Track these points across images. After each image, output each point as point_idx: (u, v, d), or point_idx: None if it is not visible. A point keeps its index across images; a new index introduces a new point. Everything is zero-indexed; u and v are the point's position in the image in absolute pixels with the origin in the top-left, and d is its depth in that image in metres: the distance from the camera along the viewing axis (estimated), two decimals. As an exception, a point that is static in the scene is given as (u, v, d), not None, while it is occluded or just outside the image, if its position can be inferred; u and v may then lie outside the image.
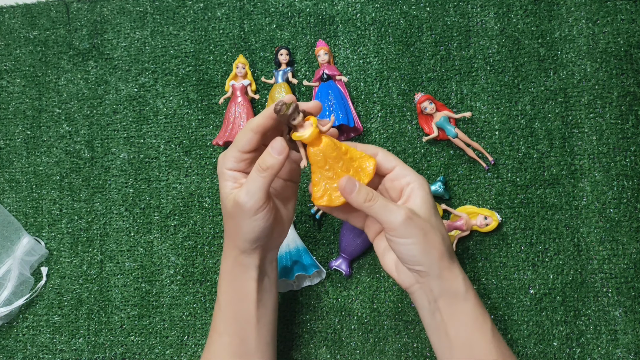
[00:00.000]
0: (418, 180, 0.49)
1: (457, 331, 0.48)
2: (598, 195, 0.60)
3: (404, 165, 0.50)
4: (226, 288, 0.52)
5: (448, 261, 0.48)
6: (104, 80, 0.69)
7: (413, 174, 0.49)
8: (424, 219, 0.47)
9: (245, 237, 0.49)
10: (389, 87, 0.64)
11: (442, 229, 0.49)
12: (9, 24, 0.72)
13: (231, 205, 0.48)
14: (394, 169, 0.49)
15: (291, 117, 0.45)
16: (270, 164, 0.46)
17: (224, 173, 0.49)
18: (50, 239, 0.68)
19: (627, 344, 0.57)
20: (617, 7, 0.62)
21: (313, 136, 0.45)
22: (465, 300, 0.48)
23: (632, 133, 0.60)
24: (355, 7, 0.66)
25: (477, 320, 0.48)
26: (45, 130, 0.70)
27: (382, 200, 0.47)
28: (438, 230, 0.48)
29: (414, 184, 0.48)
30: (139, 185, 0.67)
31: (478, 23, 0.64)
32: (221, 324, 0.52)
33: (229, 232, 0.50)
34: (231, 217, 0.49)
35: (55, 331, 0.66)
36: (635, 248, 0.59)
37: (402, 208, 0.47)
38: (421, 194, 0.48)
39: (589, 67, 0.61)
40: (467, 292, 0.48)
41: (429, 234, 0.47)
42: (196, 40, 0.68)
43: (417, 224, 0.47)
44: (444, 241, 0.48)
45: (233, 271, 0.51)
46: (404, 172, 0.49)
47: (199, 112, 0.67)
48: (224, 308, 0.52)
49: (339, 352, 0.61)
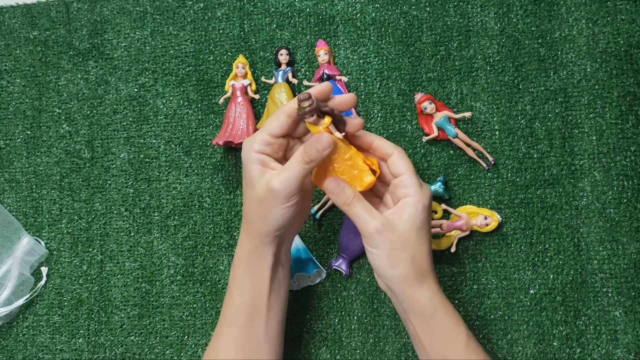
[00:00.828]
0: (416, 195, 0.48)
1: (431, 344, 0.49)
2: (598, 195, 0.60)
3: (411, 176, 0.48)
4: (240, 275, 0.52)
5: (415, 281, 0.48)
6: (104, 80, 0.69)
7: (415, 187, 0.48)
8: (398, 235, 0.47)
9: (272, 223, 0.48)
10: (389, 87, 0.64)
11: (419, 248, 0.48)
12: (9, 24, 0.72)
13: (264, 189, 0.48)
14: (401, 176, 0.49)
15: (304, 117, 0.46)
16: (313, 157, 0.47)
17: (251, 156, 0.48)
18: (50, 239, 0.68)
19: (627, 344, 0.57)
20: (617, 7, 0.62)
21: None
22: (434, 319, 0.48)
23: (632, 133, 0.60)
24: (355, 7, 0.66)
25: (449, 335, 0.48)
26: (45, 130, 0.70)
27: (360, 207, 0.47)
28: (411, 249, 0.47)
29: (411, 198, 0.48)
30: (139, 185, 0.67)
31: (478, 23, 0.64)
32: (232, 313, 0.52)
33: (252, 218, 0.50)
34: (260, 201, 0.48)
35: (55, 331, 0.66)
36: (635, 248, 0.59)
37: (377, 218, 0.47)
38: (411, 211, 0.47)
39: (589, 67, 0.61)
40: (435, 311, 0.48)
41: (397, 251, 0.47)
42: (196, 40, 0.68)
43: (387, 238, 0.47)
44: (413, 261, 0.47)
45: (249, 258, 0.51)
46: (407, 183, 0.48)
47: (199, 112, 0.67)
48: (236, 296, 0.52)
49: (339, 352, 0.61)
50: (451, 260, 0.61)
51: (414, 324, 0.49)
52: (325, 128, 0.46)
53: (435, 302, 0.48)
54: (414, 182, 0.48)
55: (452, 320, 0.49)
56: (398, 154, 0.49)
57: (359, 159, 0.48)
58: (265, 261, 0.51)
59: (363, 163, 0.48)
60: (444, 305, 0.49)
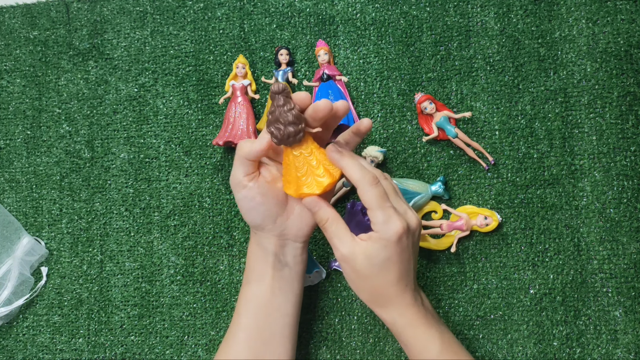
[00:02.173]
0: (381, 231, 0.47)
1: (409, 352, 0.51)
2: (598, 195, 0.60)
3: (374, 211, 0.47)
4: (248, 264, 0.54)
5: (378, 306, 0.50)
6: (104, 80, 0.69)
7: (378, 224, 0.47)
8: (358, 268, 0.48)
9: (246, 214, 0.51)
10: (389, 87, 0.64)
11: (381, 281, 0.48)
12: (9, 24, 0.72)
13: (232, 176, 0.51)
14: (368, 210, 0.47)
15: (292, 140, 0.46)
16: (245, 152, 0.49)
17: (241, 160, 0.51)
18: (50, 239, 0.68)
19: (627, 344, 0.57)
20: (617, 7, 0.62)
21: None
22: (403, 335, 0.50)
23: (632, 133, 0.60)
24: (355, 7, 0.66)
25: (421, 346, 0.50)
26: (45, 130, 0.70)
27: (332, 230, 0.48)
28: (371, 282, 0.48)
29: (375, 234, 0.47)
30: (139, 185, 0.67)
31: (478, 23, 0.64)
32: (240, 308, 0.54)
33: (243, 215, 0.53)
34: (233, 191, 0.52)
35: (55, 331, 0.66)
36: (635, 248, 0.59)
37: (345, 246, 0.48)
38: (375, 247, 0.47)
39: (589, 67, 0.61)
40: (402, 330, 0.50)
41: (360, 281, 0.49)
42: (196, 40, 0.68)
43: (351, 267, 0.48)
44: (376, 291, 0.49)
45: (254, 250, 0.54)
46: (373, 219, 0.47)
47: (199, 112, 0.67)
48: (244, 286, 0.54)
49: (339, 352, 0.61)
50: (451, 260, 0.61)
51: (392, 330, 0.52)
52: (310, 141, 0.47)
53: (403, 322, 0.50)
54: (379, 217, 0.47)
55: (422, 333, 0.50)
56: (361, 188, 0.47)
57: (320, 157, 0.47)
58: (267, 257, 0.53)
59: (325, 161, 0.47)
60: (412, 324, 0.50)
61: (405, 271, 0.49)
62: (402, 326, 0.50)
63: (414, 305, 0.50)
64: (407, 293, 0.50)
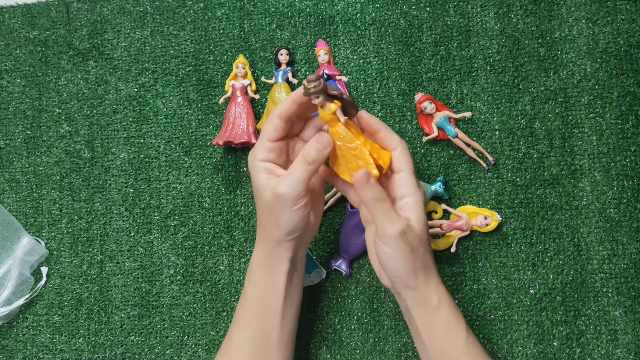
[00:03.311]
0: (416, 194, 0.48)
1: (431, 339, 0.49)
2: (598, 195, 0.60)
3: (409, 174, 0.49)
4: (255, 279, 0.52)
5: (424, 275, 0.49)
6: (104, 80, 0.69)
7: (413, 187, 0.48)
8: (416, 236, 0.48)
9: (283, 228, 0.49)
10: (389, 87, 0.64)
11: (428, 244, 0.49)
12: (9, 24, 0.72)
13: (270, 196, 0.48)
14: (400, 173, 0.49)
15: (312, 98, 0.46)
16: (314, 157, 0.48)
17: (256, 165, 0.50)
18: (50, 239, 0.68)
19: (627, 344, 0.57)
20: (617, 7, 0.62)
21: (324, 119, 0.47)
22: (438, 311, 0.49)
23: (632, 133, 0.60)
24: (355, 7, 0.66)
25: (450, 329, 0.49)
26: (45, 130, 0.70)
27: (386, 206, 0.47)
28: (423, 246, 0.48)
29: (411, 198, 0.48)
30: (139, 185, 0.67)
31: (478, 23, 0.64)
32: (246, 317, 0.52)
33: (265, 224, 0.51)
34: (269, 208, 0.49)
35: (55, 331, 0.66)
36: (635, 248, 0.59)
37: (401, 221, 0.47)
38: (417, 211, 0.48)
39: (589, 67, 0.61)
40: (439, 303, 0.49)
41: (415, 251, 0.48)
42: (196, 40, 0.68)
43: (409, 240, 0.47)
44: (424, 256, 0.48)
45: (265, 263, 0.51)
46: (405, 182, 0.48)
47: (199, 112, 0.67)
48: (251, 300, 0.52)
49: (339, 352, 0.61)
50: (451, 260, 0.61)
51: (416, 319, 0.50)
52: (332, 113, 0.46)
53: (440, 293, 0.49)
54: (412, 181, 0.49)
55: (454, 314, 0.50)
56: (401, 150, 0.49)
57: (365, 151, 0.47)
58: (282, 266, 0.51)
59: (369, 156, 0.47)
60: (448, 298, 0.50)
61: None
62: (440, 299, 0.49)
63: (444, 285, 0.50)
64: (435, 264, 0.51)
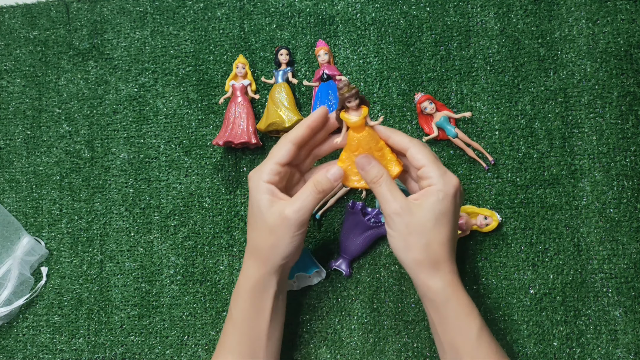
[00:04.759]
0: (438, 184, 0.48)
1: (443, 332, 0.49)
2: (598, 195, 0.60)
3: (431, 165, 0.48)
4: (244, 304, 0.52)
5: (428, 268, 0.48)
6: (104, 80, 0.69)
7: (436, 176, 0.48)
8: (415, 220, 0.47)
9: (282, 251, 0.50)
10: (389, 87, 0.64)
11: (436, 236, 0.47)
12: (9, 24, 0.72)
13: (275, 218, 0.49)
14: (423, 167, 0.48)
15: (347, 100, 0.48)
16: (325, 187, 0.50)
17: (260, 186, 0.50)
18: (50, 239, 0.68)
19: (627, 344, 0.57)
20: (617, 7, 0.62)
21: (357, 124, 0.49)
22: (445, 308, 0.48)
23: (632, 133, 0.60)
24: (355, 7, 0.66)
25: (460, 326, 0.48)
26: (45, 130, 0.70)
27: (386, 187, 0.48)
28: (427, 236, 0.47)
29: (433, 187, 0.48)
30: (139, 185, 0.67)
31: (478, 23, 0.64)
32: (233, 342, 0.52)
33: (261, 246, 0.51)
34: (271, 231, 0.49)
35: (55, 331, 0.66)
36: (635, 248, 0.59)
37: (398, 201, 0.47)
38: (431, 199, 0.47)
39: (589, 67, 0.61)
40: (446, 301, 0.48)
41: (412, 236, 0.47)
42: (196, 40, 0.68)
43: (404, 221, 0.47)
44: (427, 248, 0.47)
45: (255, 287, 0.52)
46: (428, 173, 0.48)
47: (199, 112, 0.67)
48: (238, 325, 0.52)
49: (339, 352, 0.61)
50: (451, 260, 0.61)
51: (428, 309, 0.50)
52: (362, 118, 0.49)
53: (448, 292, 0.48)
54: (435, 171, 0.48)
55: (465, 311, 0.48)
56: (415, 146, 0.49)
57: (388, 151, 0.50)
58: (270, 289, 0.52)
59: (392, 154, 0.50)
60: (457, 297, 0.48)
61: (454, 232, 0.49)
62: (447, 298, 0.48)
63: (457, 275, 0.49)
64: (452, 260, 0.49)
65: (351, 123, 0.49)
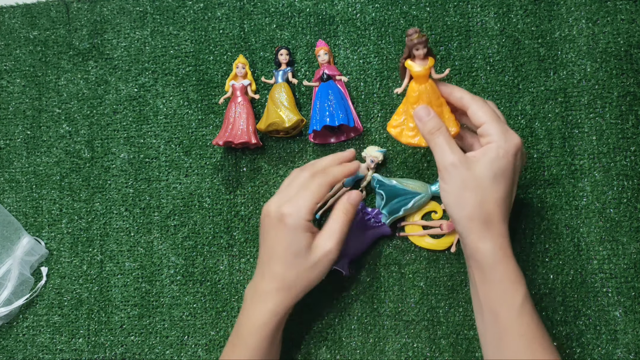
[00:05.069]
0: (499, 141, 0.47)
1: (486, 296, 0.47)
2: (598, 195, 0.60)
3: (491, 123, 0.47)
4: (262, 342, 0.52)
5: (479, 227, 0.46)
6: (104, 80, 0.69)
7: (497, 134, 0.47)
8: (471, 174, 0.46)
9: (311, 285, 0.52)
10: (389, 87, 0.64)
11: (491, 194, 0.46)
12: (9, 24, 0.72)
13: (318, 255, 0.50)
14: (483, 125, 0.48)
15: (415, 47, 0.47)
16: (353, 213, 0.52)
17: (303, 225, 0.50)
18: (50, 239, 0.68)
19: (627, 344, 0.57)
20: (617, 7, 0.62)
21: (421, 73, 0.47)
22: (492, 272, 0.46)
23: (632, 133, 0.60)
24: (355, 7, 0.66)
25: (505, 293, 0.46)
26: (45, 130, 0.70)
27: (443, 138, 0.47)
28: (482, 192, 0.46)
29: (493, 144, 0.47)
30: (139, 185, 0.67)
31: (478, 23, 0.64)
32: None
33: (299, 283, 0.51)
34: (314, 267, 0.51)
35: (55, 331, 0.66)
36: (635, 248, 0.59)
37: (456, 153, 0.47)
38: (491, 155, 0.46)
39: (589, 67, 0.61)
40: (494, 265, 0.46)
41: (467, 191, 0.46)
42: (196, 40, 0.68)
43: (460, 175, 0.46)
44: (481, 205, 0.46)
45: (281, 323, 0.53)
46: (489, 131, 0.47)
47: (199, 112, 0.67)
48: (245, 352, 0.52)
49: (339, 352, 0.61)
50: (451, 260, 0.61)
51: (473, 271, 0.48)
52: (427, 68, 0.47)
53: (497, 256, 0.46)
54: (496, 129, 0.47)
55: (511, 278, 0.46)
56: (476, 104, 0.48)
57: (447, 110, 0.49)
58: (283, 323, 0.53)
59: (451, 114, 0.49)
60: (506, 262, 0.47)
61: (510, 193, 0.47)
62: (495, 261, 0.46)
63: (508, 239, 0.47)
64: (505, 222, 0.47)
65: (415, 72, 0.47)
